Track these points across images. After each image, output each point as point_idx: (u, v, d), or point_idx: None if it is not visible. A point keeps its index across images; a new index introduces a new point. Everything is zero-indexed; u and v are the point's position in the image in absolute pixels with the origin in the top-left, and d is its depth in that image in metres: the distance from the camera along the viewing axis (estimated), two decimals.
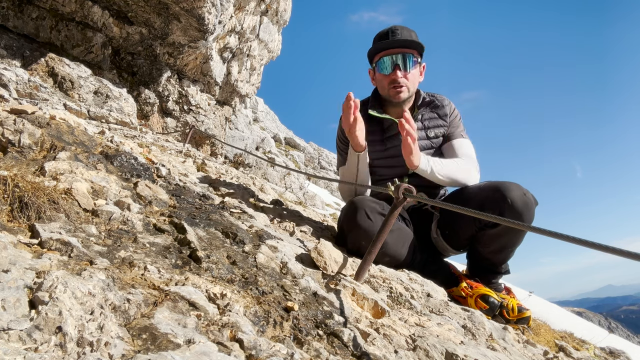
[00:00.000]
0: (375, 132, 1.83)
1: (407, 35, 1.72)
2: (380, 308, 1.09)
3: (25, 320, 0.56)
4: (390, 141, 1.81)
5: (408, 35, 1.73)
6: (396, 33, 1.72)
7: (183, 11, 4.08)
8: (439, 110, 1.83)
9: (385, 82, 1.75)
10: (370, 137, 1.81)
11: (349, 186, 1.83)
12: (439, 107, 1.83)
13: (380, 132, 1.83)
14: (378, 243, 1.26)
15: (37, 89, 2.55)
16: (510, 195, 1.45)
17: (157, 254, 0.95)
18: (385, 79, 1.75)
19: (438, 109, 1.83)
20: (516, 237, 1.56)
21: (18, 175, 0.97)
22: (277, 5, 6.86)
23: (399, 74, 1.71)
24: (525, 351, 1.29)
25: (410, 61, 1.72)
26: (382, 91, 1.80)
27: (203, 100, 5.94)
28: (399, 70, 1.71)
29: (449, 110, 1.83)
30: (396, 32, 1.73)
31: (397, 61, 1.71)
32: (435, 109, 1.83)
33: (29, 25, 3.52)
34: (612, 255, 0.61)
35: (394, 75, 1.72)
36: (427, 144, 1.80)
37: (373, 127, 1.83)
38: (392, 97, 1.76)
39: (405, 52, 1.71)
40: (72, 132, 1.46)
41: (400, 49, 1.71)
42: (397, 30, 1.73)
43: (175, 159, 2.24)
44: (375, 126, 1.83)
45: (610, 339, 3.66)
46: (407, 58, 1.71)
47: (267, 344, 0.72)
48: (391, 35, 1.72)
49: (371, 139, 1.81)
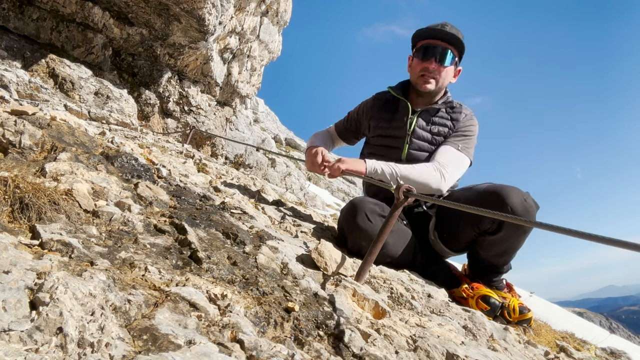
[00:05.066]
0: (387, 112, 1.87)
1: (455, 32, 1.74)
2: (381, 309, 1.09)
3: (26, 321, 0.56)
4: (396, 121, 1.84)
5: (456, 33, 1.75)
6: (446, 27, 1.75)
7: (183, 12, 4.09)
8: (453, 113, 1.84)
9: (417, 69, 1.78)
10: (380, 114, 1.88)
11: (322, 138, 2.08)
12: (455, 112, 1.84)
13: (391, 112, 1.87)
14: (379, 244, 1.26)
15: (37, 90, 2.55)
16: (510, 202, 1.44)
17: (157, 255, 0.95)
18: (419, 65, 1.78)
19: (453, 112, 1.84)
20: (517, 242, 1.55)
21: (19, 176, 0.97)
22: (277, 6, 6.87)
23: (434, 65, 1.74)
24: (526, 352, 1.28)
25: (448, 57, 1.75)
26: (413, 77, 1.83)
27: (203, 101, 5.94)
28: (436, 61, 1.73)
29: (461, 117, 1.82)
30: (446, 26, 1.76)
31: (437, 52, 1.73)
32: (451, 110, 1.84)
33: (29, 27, 3.52)
34: (613, 248, 0.60)
35: (427, 64, 1.74)
36: (428, 136, 1.81)
37: (388, 106, 1.89)
38: (418, 85, 1.79)
39: (448, 47, 1.74)
40: (73, 133, 1.46)
41: (444, 42, 1.74)
42: (447, 26, 1.76)
43: (176, 160, 2.24)
44: (391, 106, 1.88)
45: (611, 339, 3.66)
46: (446, 52, 1.74)
47: (268, 344, 0.72)
48: (441, 27, 1.75)
49: (381, 117, 1.88)
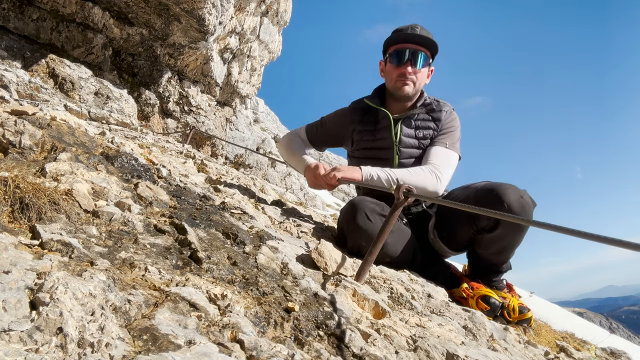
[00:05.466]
0: (368, 123, 1.87)
1: (425, 34, 1.75)
2: (381, 309, 1.09)
3: (26, 321, 0.56)
4: (380, 133, 1.84)
5: (427, 34, 1.76)
6: (415, 29, 1.75)
7: (183, 12, 4.09)
8: (434, 113, 1.84)
9: (394, 74, 1.78)
10: (362, 127, 1.87)
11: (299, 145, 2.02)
12: (436, 111, 1.84)
13: (373, 123, 1.86)
14: (379, 244, 1.26)
15: (37, 90, 2.55)
16: (507, 199, 1.45)
17: (157, 255, 0.95)
18: (395, 70, 1.78)
19: (434, 113, 1.84)
20: (515, 239, 1.56)
21: (19, 176, 0.97)
22: (277, 6, 6.87)
23: (409, 69, 1.74)
24: (526, 352, 1.28)
25: (422, 59, 1.75)
26: (389, 83, 1.83)
27: (203, 101, 5.94)
28: (410, 65, 1.74)
29: (443, 116, 1.83)
30: (416, 28, 1.76)
31: (411, 56, 1.74)
32: (431, 112, 1.85)
33: (29, 27, 3.52)
34: (613, 248, 0.60)
35: (404, 69, 1.75)
36: (415, 142, 1.82)
37: (368, 117, 1.87)
38: (397, 90, 1.79)
39: (420, 49, 1.75)
40: (73, 133, 1.46)
41: (416, 45, 1.75)
42: (417, 27, 1.76)
43: (176, 160, 2.24)
44: (370, 117, 1.87)
45: (611, 339, 3.66)
46: (420, 55, 1.75)
47: (268, 344, 0.72)
48: (411, 30, 1.75)
49: (363, 129, 1.86)
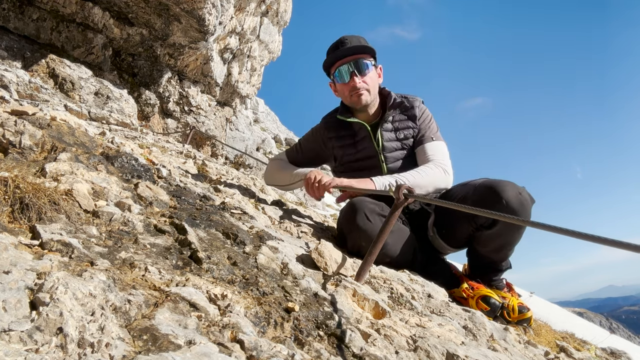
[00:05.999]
0: (346, 137, 1.88)
1: (356, 42, 1.76)
2: (381, 309, 1.09)
3: (26, 322, 0.56)
4: (361, 144, 1.85)
5: (357, 41, 1.77)
6: (345, 42, 1.77)
7: (183, 12, 4.09)
8: (408, 112, 1.85)
9: (346, 91, 1.80)
10: (341, 142, 1.88)
11: (287, 165, 2.00)
12: (409, 108, 1.86)
13: (351, 136, 1.88)
14: (378, 244, 1.26)
15: (37, 90, 2.56)
16: (505, 196, 1.45)
17: (157, 255, 0.95)
18: (345, 87, 1.80)
19: (408, 111, 1.86)
20: (514, 236, 1.56)
21: (19, 176, 0.97)
22: (277, 6, 6.87)
23: (357, 80, 1.75)
24: (527, 352, 1.28)
25: (364, 65, 1.76)
26: (345, 100, 1.85)
27: (203, 101, 5.94)
28: (356, 76, 1.75)
29: (418, 112, 1.85)
30: (345, 41, 1.77)
31: (352, 68, 1.75)
32: (405, 110, 1.86)
33: (29, 27, 3.52)
34: (613, 248, 0.60)
35: (352, 82, 1.76)
36: (398, 145, 1.82)
37: (344, 132, 1.89)
38: (355, 104, 1.81)
39: (358, 57, 1.76)
40: (73, 133, 1.46)
41: (352, 56, 1.76)
42: (346, 40, 1.77)
43: (176, 160, 2.24)
44: (346, 131, 1.88)
45: (611, 339, 3.66)
46: (361, 63, 1.76)
47: (268, 344, 0.72)
48: (341, 46, 1.77)
49: (343, 144, 1.88)
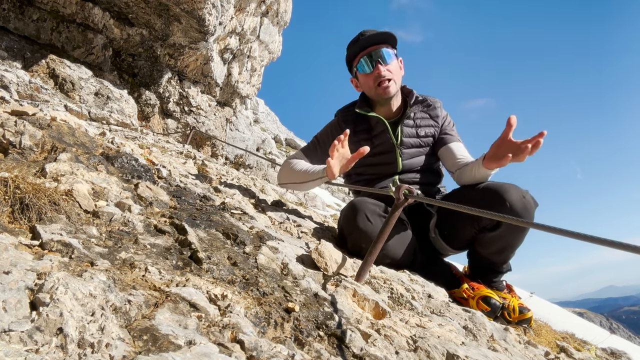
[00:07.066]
0: (362, 132, 1.84)
1: (377, 31, 1.74)
2: (381, 309, 1.09)
3: (26, 322, 0.56)
4: (377, 138, 1.81)
5: (377, 31, 1.75)
6: (365, 34, 1.75)
7: (183, 12, 4.09)
8: (430, 110, 1.85)
9: (370, 81, 1.75)
10: (357, 137, 1.83)
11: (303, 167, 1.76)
12: (431, 107, 1.85)
13: (367, 131, 1.84)
14: (379, 244, 1.25)
15: (38, 90, 2.56)
16: (509, 199, 1.45)
17: (157, 255, 0.95)
18: (369, 78, 1.75)
19: (430, 109, 1.85)
20: (516, 239, 1.56)
21: (19, 176, 0.97)
22: (277, 6, 6.87)
23: (382, 68, 1.71)
24: (527, 352, 1.28)
25: (387, 54, 1.73)
26: (370, 92, 1.79)
27: (204, 102, 5.94)
28: (381, 64, 1.72)
29: (440, 112, 1.85)
30: (365, 33, 1.76)
31: (376, 57, 1.72)
32: (427, 108, 1.85)
33: (29, 27, 3.52)
34: (613, 250, 0.60)
35: (377, 71, 1.72)
36: (416, 141, 1.82)
37: (360, 126, 1.85)
38: (381, 94, 1.75)
39: (381, 46, 1.73)
40: (73, 133, 1.46)
41: (375, 45, 1.73)
42: (366, 32, 1.76)
43: (176, 160, 2.24)
44: (363, 125, 1.85)
45: (611, 339, 3.66)
46: (384, 52, 1.73)
47: (268, 345, 0.72)
48: (361, 37, 1.75)
49: (358, 139, 1.83)
